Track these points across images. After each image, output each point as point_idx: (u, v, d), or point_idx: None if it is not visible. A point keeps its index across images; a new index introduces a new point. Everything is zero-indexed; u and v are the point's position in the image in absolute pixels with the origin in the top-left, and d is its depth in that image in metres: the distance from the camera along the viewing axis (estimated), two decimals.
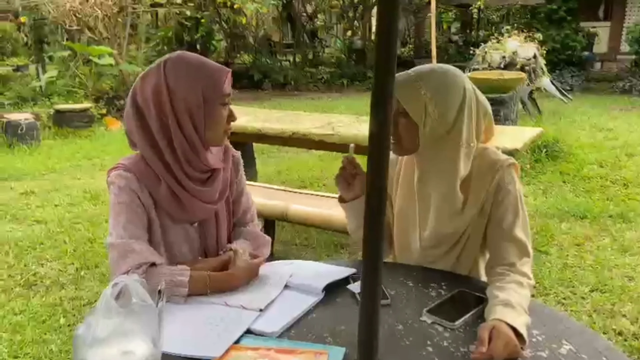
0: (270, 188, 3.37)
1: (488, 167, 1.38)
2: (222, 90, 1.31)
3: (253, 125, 3.73)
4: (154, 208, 1.34)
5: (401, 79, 1.33)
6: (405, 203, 1.50)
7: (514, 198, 1.37)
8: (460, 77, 1.37)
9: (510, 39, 7.08)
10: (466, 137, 1.34)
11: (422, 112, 1.32)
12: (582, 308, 2.82)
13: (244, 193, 1.55)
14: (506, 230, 1.37)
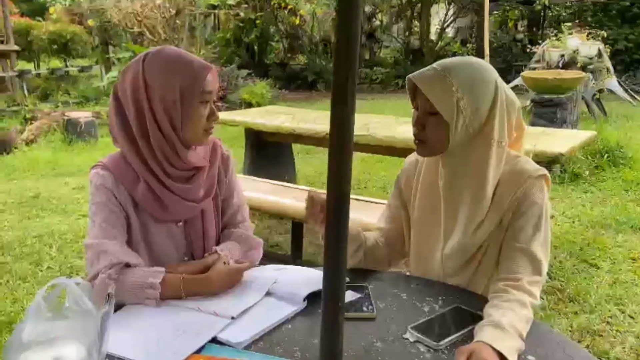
0: (301, 189, 3.32)
1: (516, 176, 1.26)
2: (201, 88, 1.26)
3: (287, 126, 3.70)
4: (134, 207, 1.32)
5: (427, 74, 1.24)
6: (426, 210, 1.38)
7: (538, 211, 1.24)
8: (489, 69, 1.27)
9: (570, 36, 6.65)
10: (498, 134, 1.24)
11: (453, 109, 1.21)
12: (630, 329, 2.57)
13: (235, 193, 1.50)
14: (522, 243, 1.24)
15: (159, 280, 1.21)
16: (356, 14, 0.83)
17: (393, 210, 1.49)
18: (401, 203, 1.47)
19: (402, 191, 1.46)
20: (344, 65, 0.83)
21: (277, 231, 3.92)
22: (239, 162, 4.65)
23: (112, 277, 1.21)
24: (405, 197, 1.46)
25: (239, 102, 8.41)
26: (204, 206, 1.40)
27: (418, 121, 1.27)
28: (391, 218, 1.49)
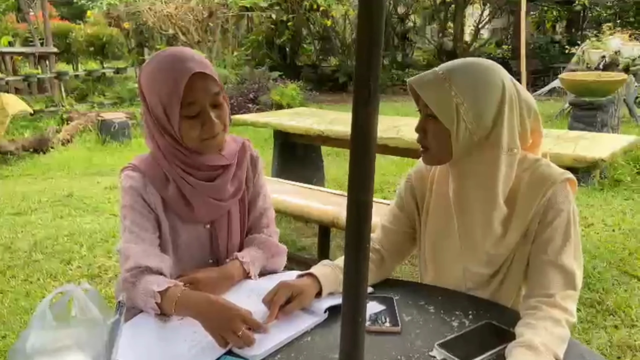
0: (328, 192, 3.27)
1: (539, 182, 1.17)
2: (179, 100, 1.18)
3: (316, 127, 3.65)
4: (163, 208, 1.29)
5: (427, 78, 1.17)
6: (441, 221, 1.30)
7: (566, 219, 1.15)
8: (497, 71, 1.18)
9: (612, 37, 6.39)
10: (508, 141, 1.15)
11: (453, 116, 1.13)
12: None
13: (262, 195, 1.46)
14: (551, 256, 1.15)
15: (162, 289, 1.15)
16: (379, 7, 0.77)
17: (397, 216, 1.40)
18: (408, 212, 1.38)
19: (410, 200, 1.37)
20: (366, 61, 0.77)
21: (304, 234, 3.88)
22: (268, 164, 4.64)
23: (129, 280, 1.19)
24: (412, 207, 1.37)
25: (270, 104, 8.43)
26: (231, 206, 1.37)
27: (420, 126, 1.21)
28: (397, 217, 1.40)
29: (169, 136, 1.24)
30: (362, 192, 0.82)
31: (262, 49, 12.84)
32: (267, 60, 12.23)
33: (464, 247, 1.26)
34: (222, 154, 1.32)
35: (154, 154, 1.30)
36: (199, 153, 1.28)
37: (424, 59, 14.90)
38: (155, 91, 1.20)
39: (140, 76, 1.27)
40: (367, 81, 0.77)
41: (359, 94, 0.78)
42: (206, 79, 1.21)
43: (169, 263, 1.27)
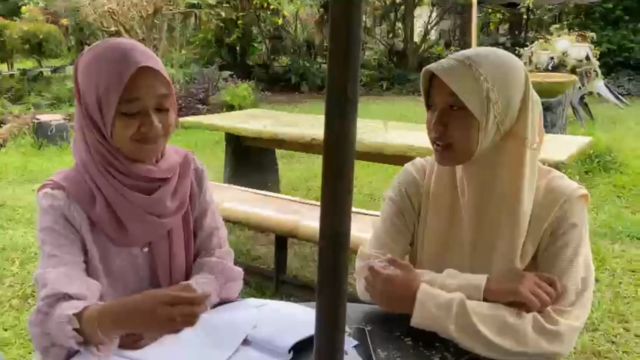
0: (285, 199, 3.11)
1: (554, 194, 1.06)
2: (118, 94, 1.02)
3: (270, 130, 3.48)
4: (91, 229, 1.11)
5: (450, 64, 1.04)
6: (444, 230, 1.14)
7: (578, 235, 1.05)
8: (516, 58, 1.09)
9: (559, 38, 6.55)
10: (531, 134, 1.04)
11: (484, 103, 1.01)
12: (637, 349, 2.40)
13: (210, 212, 1.29)
14: (557, 271, 1.05)
15: (78, 310, 0.95)
16: None
17: (397, 231, 1.21)
18: (407, 221, 1.21)
19: (406, 207, 1.20)
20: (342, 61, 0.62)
21: (259, 242, 3.69)
22: (219, 169, 4.42)
23: (42, 311, 1.00)
24: (410, 214, 1.21)
25: (220, 104, 8.16)
26: (172, 225, 1.19)
27: (440, 120, 1.05)
28: (396, 239, 1.21)
29: (101, 137, 1.07)
30: (337, 221, 0.67)
31: (211, 47, 12.47)
32: (216, 59, 11.88)
33: (474, 261, 1.11)
34: (160, 165, 1.15)
35: (81, 164, 1.12)
36: (133, 160, 1.10)
37: (375, 59, 14.95)
38: (93, 83, 1.04)
39: (77, 67, 1.09)
40: (344, 86, 0.62)
41: (333, 102, 0.63)
42: (155, 76, 1.06)
43: (96, 289, 1.08)
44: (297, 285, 2.92)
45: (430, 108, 1.09)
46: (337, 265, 0.69)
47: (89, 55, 1.08)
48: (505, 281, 1.03)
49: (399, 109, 9.02)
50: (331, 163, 0.65)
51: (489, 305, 1.01)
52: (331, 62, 0.63)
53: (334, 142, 0.64)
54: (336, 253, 0.68)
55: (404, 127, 3.46)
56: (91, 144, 1.09)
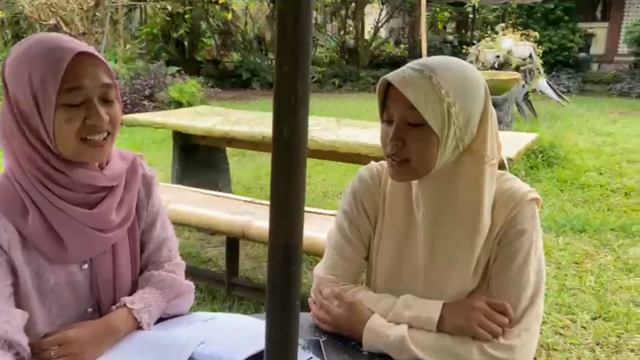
0: (236, 199, 3.01)
1: (507, 198, 1.02)
2: (58, 81, 0.92)
3: (220, 128, 3.38)
4: (22, 247, 0.98)
5: (409, 75, 0.96)
6: (398, 243, 1.09)
7: (529, 241, 1.01)
8: (476, 70, 1.03)
9: (504, 37, 6.74)
10: (490, 149, 0.99)
11: (444, 119, 0.95)
12: (584, 340, 2.47)
13: (159, 222, 1.18)
14: (507, 283, 1.01)
15: None
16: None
17: (352, 248, 1.15)
18: (362, 234, 1.14)
19: (361, 219, 1.14)
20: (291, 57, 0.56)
21: (209, 243, 3.58)
22: (167, 168, 4.26)
23: None
24: (365, 226, 1.14)
25: (167, 101, 7.90)
26: (117, 239, 1.08)
27: (397, 135, 0.98)
28: (350, 259, 1.15)
29: (35, 139, 0.95)
30: (288, 232, 0.61)
31: (158, 42, 12.11)
32: (163, 55, 11.54)
33: (428, 278, 1.06)
34: (105, 172, 1.04)
35: (10, 172, 0.99)
36: (74, 164, 0.99)
37: (327, 56, 14.96)
38: (25, 78, 0.93)
39: (4, 66, 0.97)
40: (294, 86, 0.56)
41: (282, 101, 0.57)
42: (96, 63, 0.97)
43: (20, 321, 0.94)
44: (249, 288, 2.84)
45: (386, 120, 1.02)
46: (288, 279, 0.63)
47: (16, 51, 0.97)
48: (457, 312, 1.00)
49: (352, 107, 9.06)
50: (281, 169, 0.59)
51: (435, 337, 0.99)
52: (279, 59, 0.57)
53: (284, 143, 0.58)
54: (287, 266, 0.62)
55: (356, 125, 3.43)
56: (22, 152, 0.97)
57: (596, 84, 11.88)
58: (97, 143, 0.98)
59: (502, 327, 0.97)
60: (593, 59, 13.19)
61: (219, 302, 2.76)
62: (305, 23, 0.55)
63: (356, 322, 1.04)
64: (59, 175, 0.98)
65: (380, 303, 1.06)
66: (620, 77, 11.81)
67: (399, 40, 17.68)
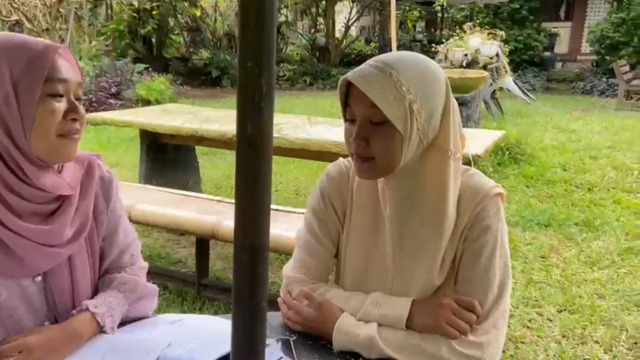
0: (206, 199, 2.97)
1: (472, 193, 1.02)
2: (44, 72, 0.90)
3: (189, 127, 3.33)
4: None
5: (369, 73, 0.95)
6: (366, 240, 1.08)
7: (493, 237, 1.01)
8: (436, 64, 1.02)
9: (472, 36, 6.85)
10: (454, 144, 0.99)
11: (407, 116, 0.94)
12: (550, 333, 2.53)
13: (121, 228, 1.14)
14: (473, 280, 1.01)
15: None
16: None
17: (321, 246, 1.13)
18: (331, 232, 1.13)
19: (330, 217, 1.12)
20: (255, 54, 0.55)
21: (179, 244, 3.53)
22: (134, 167, 4.17)
23: None
24: (334, 223, 1.13)
25: (135, 99, 7.75)
26: (74, 250, 1.04)
27: (360, 134, 0.97)
28: (319, 257, 1.14)
29: (5, 136, 0.90)
30: (254, 233, 0.60)
31: (124, 39, 11.85)
32: (130, 52, 11.31)
33: (397, 274, 1.06)
34: (64, 176, 1.00)
35: None
36: (43, 169, 0.95)
37: (298, 53, 14.93)
38: (2, 71, 0.89)
39: None
40: (258, 82, 0.55)
41: (246, 99, 0.56)
42: (71, 58, 0.96)
43: None
44: (220, 288, 2.80)
45: (348, 119, 1.01)
46: (254, 281, 0.61)
47: None
48: (425, 310, 1.00)
49: (323, 104, 9.05)
50: (246, 168, 0.58)
51: (405, 335, 0.99)
52: (242, 54, 0.55)
53: (248, 146, 0.57)
54: (253, 268, 0.61)
55: (328, 123, 3.43)
56: None
57: (560, 82, 12.21)
58: (74, 139, 0.96)
59: (470, 324, 0.98)
60: (557, 58, 13.55)
61: (189, 303, 2.72)
62: (268, 15, 0.54)
63: (326, 322, 1.03)
64: (16, 180, 0.93)
65: (350, 301, 1.06)
66: (583, 75, 12.16)
67: (369, 38, 17.78)
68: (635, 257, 3.35)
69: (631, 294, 2.87)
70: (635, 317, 2.64)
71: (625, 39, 11.17)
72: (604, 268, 3.20)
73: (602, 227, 3.83)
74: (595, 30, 11.83)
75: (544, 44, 12.89)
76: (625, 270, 3.17)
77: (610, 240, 3.61)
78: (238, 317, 0.62)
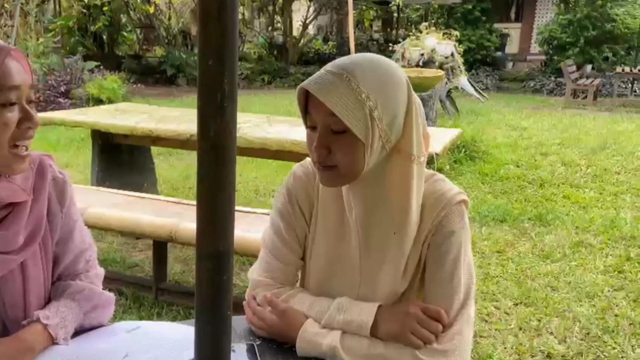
0: (163, 200, 2.89)
1: (434, 200, 1.00)
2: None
3: (144, 126, 3.22)
4: None
5: (326, 80, 0.91)
6: (332, 241, 1.06)
7: (458, 242, 1.00)
8: (395, 65, 0.99)
9: (428, 36, 6.98)
10: (417, 148, 0.96)
11: (367, 123, 0.91)
12: (508, 326, 2.60)
13: (76, 232, 1.08)
14: (439, 286, 1.01)
15: None
16: None
17: (288, 248, 1.11)
18: (298, 234, 1.11)
19: (297, 219, 1.10)
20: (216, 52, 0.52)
21: (135, 247, 3.42)
22: (86, 169, 4.02)
23: None
24: (301, 225, 1.10)
25: (85, 98, 7.47)
26: (27, 256, 0.98)
27: (321, 143, 0.94)
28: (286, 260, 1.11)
29: None
30: (218, 239, 0.57)
31: (74, 36, 11.43)
32: (80, 49, 10.89)
33: (363, 277, 1.04)
34: (16, 181, 0.94)
35: None
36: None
37: (255, 52, 14.80)
38: None
39: None
40: (220, 81, 0.52)
41: (207, 99, 0.53)
42: (23, 64, 0.90)
43: None
44: (178, 292, 2.73)
45: (309, 127, 0.98)
46: (218, 290, 0.59)
47: None
48: (391, 318, 0.99)
49: (281, 103, 9.01)
50: (208, 171, 0.55)
51: (368, 344, 0.97)
52: (203, 52, 0.53)
53: (210, 149, 0.54)
54: (217, 275, 0.58)
55: (287, 122, 3.40)
56: None
57: (511, 81, 12.61)
58: (26, 149, 0.91)
59: (435, 334, 0.96)
60: (508, 58, 13.99)
61: (146, 309, 2.63)
62: (230, 10, 0.51)
63: (290, 330, 1.01)
64: None
65: (315, 306, 1.04)
66: (532, 75, 12.60)
67: (327, 37, 17.84)
68: (584, 249, 3.49)
69: (582, 285, 2.98)
70: (587, 308, 2.75)
71: (571, 39, 11.64)
72: (557, 261, 3.31)
73: (553, 222, 3.96)
74: (544, 31, 12.28)
75: (495, 45, 13.28)
76: (576, 262, 3.29)
77: (561, 234, 3.75)
78: (201, 328, 0.59)
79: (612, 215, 4.11)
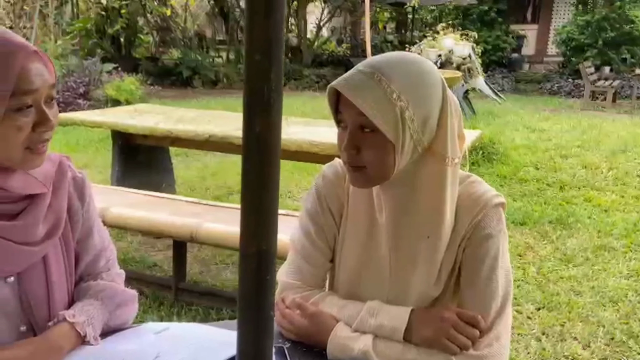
0: (182, 200, 2.90)
1: (472, 202, 0.97)
2: (10, 87, 0.83)
3: (163, 127, 3.24)
4: None
5: (356, 80, 0.89)
6: (362, 245, 1.04)
7: (495, 246, 0.97)
8: (431, 64, 0.96)
9: (445, 37, 6.94)
10: (451, 149, 0.93)
11: (398, 124, 0.88)
12: (530, 330, 2.55)
13: (95, 230, 1.08)
14: (476, 291, 0.98)
15: None
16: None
17: (317, 251, 1.09)
18: (327, 236, 1.09)
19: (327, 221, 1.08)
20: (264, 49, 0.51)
21: (154, 247, 3.43)
22: (106, 169, 4.05)
23: None
24: (330, 227, 1.08)
25: (104, 99, 7.55)
26: (48, 250, 0.98)
27: (350, 143, 0.92)
28: (315, 262, 1.09)
29: None
30: (262, 238, 0.56)
31: (92, 38, 11.56)
32: (98, 51, 11.02)
33: (393, 282, 1.02)
34: (35, 174, 0.94)
35: None
36: (9, 172, 0.89)
37: None
38: None
39: None
40: (267, 76, 0.51)
41: (254, 95, 0.52)
42: (45, 63, 0.89)
43: None
44: (197, 292, 2.74)
45: (341, 125, 0.96)
46: (261, 289, 0.57)
47: None
48: (425, 323, 0.96)
49: (296, 104, 9.01)
50: (254, 169, 0.54)
51: (401, 349, 0.95)
52: (250, 46, 0.51)
53: (256, 145, 0.53)
54: (260, 275, 0.57)
55: (304, 123, 3.40)
56: None
57: (528, 83, 12.48)
58: (41, 150, 0.90)
59: (472, 340, 0.93)
60: (525, 59, 13.86)
61: (166, 309, 2.64)
62: (277, 4, 0.50)
63: (320, 334, 0.99)
64: None
65: (346, 310, 1.01)
66: (549, 76, 12.47)
67: (341, 39, 17.83)
68: (607, 253, 3.43)
69: (606, 290, 2.93)
70: (611, 313, 2.69)
71: (590, 40, 11.50)
72: (579, 265, 3.26)
73: (575, 225, 3.90)
74: (561, 32, 12.15)
75: (512, 46, 13.17)
76: (599, 267, 3.23)
77: (583, 237, 3.68)
78: (245, 325, 0.58)
79: (634, 218, 4.04)
